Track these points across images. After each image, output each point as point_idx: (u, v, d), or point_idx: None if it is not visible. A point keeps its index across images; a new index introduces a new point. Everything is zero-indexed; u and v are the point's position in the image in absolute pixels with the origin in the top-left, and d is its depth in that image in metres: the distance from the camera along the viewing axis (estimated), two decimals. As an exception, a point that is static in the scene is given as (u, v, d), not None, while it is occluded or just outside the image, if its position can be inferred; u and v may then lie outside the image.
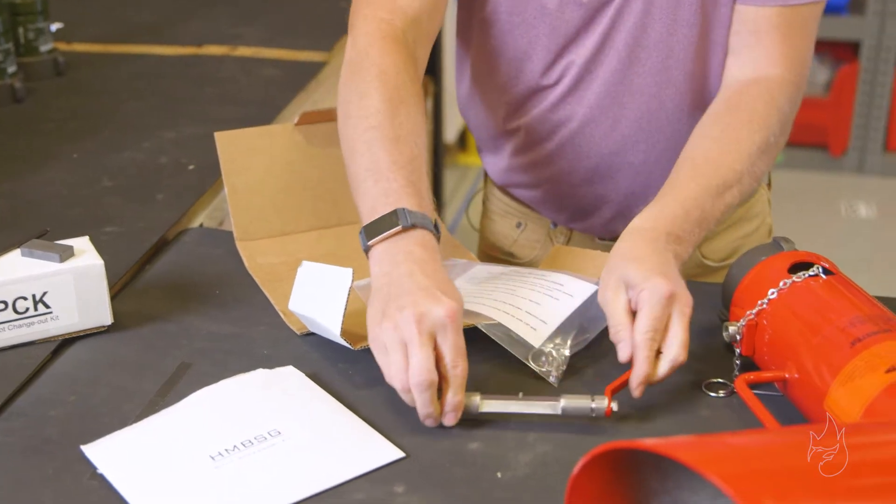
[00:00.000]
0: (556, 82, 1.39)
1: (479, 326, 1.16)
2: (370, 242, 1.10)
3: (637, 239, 1.15)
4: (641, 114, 1.37)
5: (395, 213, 1.10)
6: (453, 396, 1.05)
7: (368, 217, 1.12)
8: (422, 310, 1.03)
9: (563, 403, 1.06)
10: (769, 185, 1.58)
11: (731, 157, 1.23)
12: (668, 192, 1.21)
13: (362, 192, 1.15)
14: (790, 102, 1.28)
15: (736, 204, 1.23)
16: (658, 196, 1.21)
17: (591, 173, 1.43)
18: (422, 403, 1.04)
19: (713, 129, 1.26)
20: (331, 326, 1.13)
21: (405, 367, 1.03)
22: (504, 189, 1.56)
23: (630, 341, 1.07)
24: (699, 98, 1.36)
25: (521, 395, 1.08)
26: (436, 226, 1.13)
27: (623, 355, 1.08)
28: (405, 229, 1.09)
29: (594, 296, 1.18)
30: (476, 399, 1.07)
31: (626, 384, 1.09)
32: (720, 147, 1.24)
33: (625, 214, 1.41)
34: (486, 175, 1.61)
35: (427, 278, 1.06)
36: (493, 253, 1.62)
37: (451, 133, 3.92)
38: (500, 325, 1.16)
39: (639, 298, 1.08)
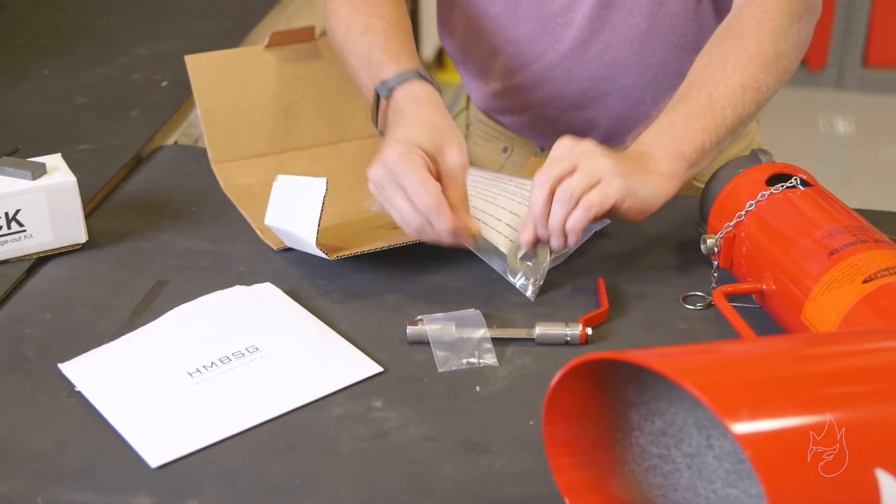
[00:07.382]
0: (546, 4, 1.36)
1: (458, 239, 1.16)
2: (380, 127, 1.23)
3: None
4: (633, 36, 1.34)
5: (375, 91, 1.22)
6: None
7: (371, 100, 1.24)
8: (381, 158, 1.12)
9: (539, 331, 1.07)
10: None
11: (717, 78, 1.19)
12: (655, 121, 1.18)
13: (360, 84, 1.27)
14: (789, 14, 1.24)
15: (743, 118, 1.18)
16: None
17: (580, 97, 1.41)
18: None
19: (703, 57, 1.22)
20: (306, 237, 1.13)
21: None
22: (488, 114, 1.54)
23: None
24: (692, 19, 1.34)
25: (494, 326, 1.08)
26: (420, 74, 1.21)
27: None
28: (388, 99, 1.21)
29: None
30: (451, 328, 1.07)
31: (600, 316, 1.10)
32: (706, 72, 1.20)
33: (614, 139, 1.38)
34: (468, 100, 1.59)
35: (399, 127, 1.16)
36: None
37: (428, 50, 3.88)
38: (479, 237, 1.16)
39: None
